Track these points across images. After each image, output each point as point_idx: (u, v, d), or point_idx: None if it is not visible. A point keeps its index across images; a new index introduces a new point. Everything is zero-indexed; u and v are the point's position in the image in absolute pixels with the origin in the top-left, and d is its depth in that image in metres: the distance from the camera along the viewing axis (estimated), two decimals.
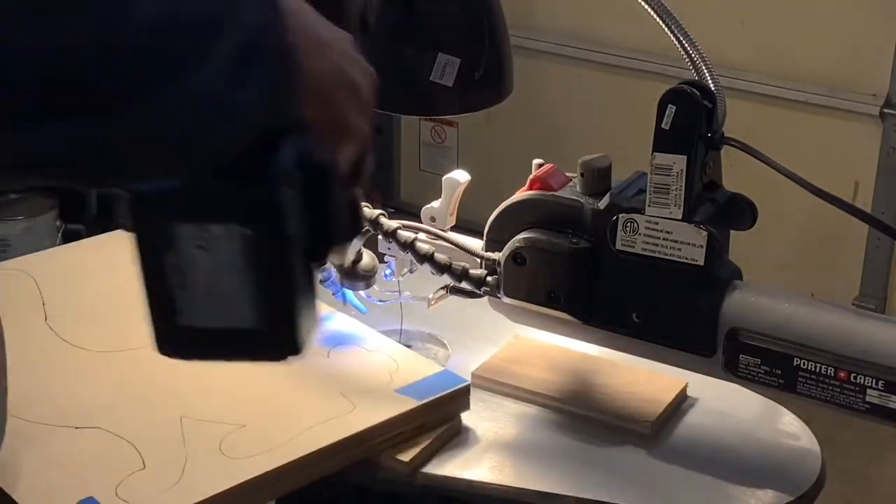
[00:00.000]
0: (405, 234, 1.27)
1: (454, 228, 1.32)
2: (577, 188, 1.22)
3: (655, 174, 1.14)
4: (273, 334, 0.81)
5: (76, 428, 1.10)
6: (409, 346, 1.33)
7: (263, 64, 0.72)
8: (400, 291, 1.33)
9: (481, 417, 1.22)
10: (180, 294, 0.79)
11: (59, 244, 2.61)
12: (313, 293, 0.84)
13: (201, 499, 1.01)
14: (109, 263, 1.43)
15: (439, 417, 1.18)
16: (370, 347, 1.26)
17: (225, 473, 1.04)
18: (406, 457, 1.13)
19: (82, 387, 1.18)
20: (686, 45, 1.19)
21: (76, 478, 1.03)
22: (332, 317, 1.31)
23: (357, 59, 0.84)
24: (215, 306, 0.80)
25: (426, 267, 1.26)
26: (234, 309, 0.79)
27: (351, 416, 1.13)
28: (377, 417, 1.13)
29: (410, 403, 1.16)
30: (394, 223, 1.28)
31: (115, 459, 1.06)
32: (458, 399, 1.20)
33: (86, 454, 1.07)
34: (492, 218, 1.25)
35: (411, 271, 1.30)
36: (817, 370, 1.10)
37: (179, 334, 0.81)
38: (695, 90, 1.13)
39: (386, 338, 1.30)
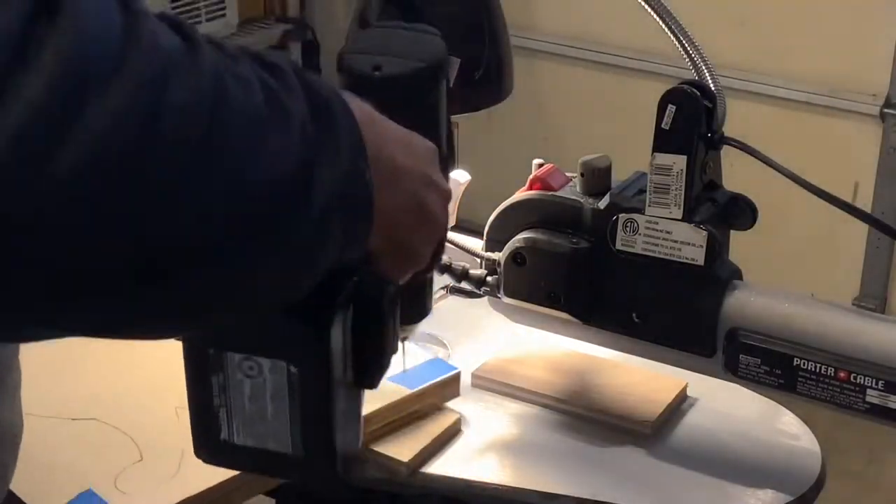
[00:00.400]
0: None
1: (454, 228, 1.32)
2: (577, 188, 1.22)
3: (655, 174, 1.14)
4: (310, 461, 0.84)
5: (72, 419, 1.11)
6: None
7: (346, 211, 0.67)
8: None
9: (481, 417, 1.23)
10: (223, 412, 0.82)
11: None
12: (357, 416, 0.86)
13: (199, 490, 1.01)
14: None
15: (431, 405, 1.19)
16: None
17: None
18: (406, 457, 1.13)
19: (76, 378, 1.18)
20: (686, 45, 1.19)
21: (74, 469, 1.04)
22: None
23: (433, 181, 0.79)
24: (256, 429, 0.82)
25: None
26: (274, 435, 0.82)
27: None
28: (370, 406, 1.13)
29: (402, 392, 1.17)
30: None
31: (112, 451, 1.06)
32: (449, 386, 1.21)
33: (83, 446, 1.08)
34: (492, 218, 1.25)
35: None
36: (817, 370, 1.10)
37: (218, 447, 0.84)
38: (695, 90, 1.13)
39: None
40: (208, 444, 0.84)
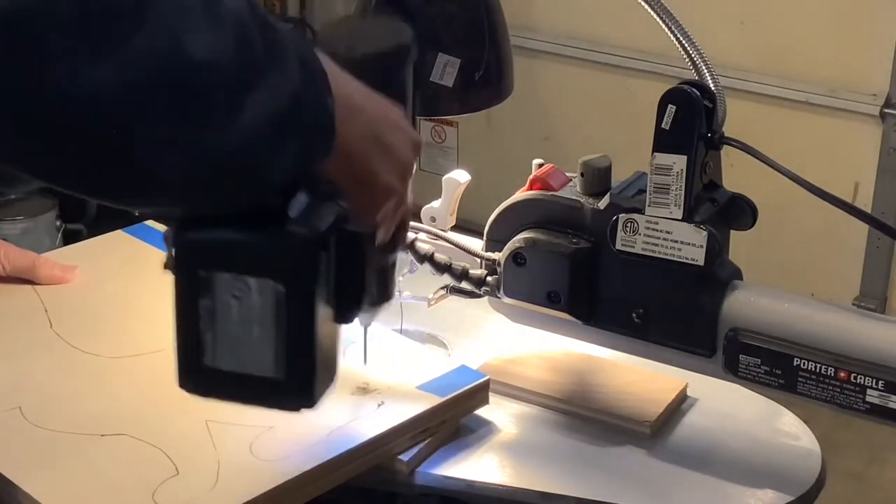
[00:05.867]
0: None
1: (454, 228, 1.32)
2: (577, 188, 1.22)
3: (655, 174, 1.14)
4: (291, 387, 0.85)
5: (101, 436, 1.08)
6: None
7: (295, 132, 0.76)
8: (400, 291, 1.33)
9: (481, 417, 1.22)
10: (209, 337, 0.83)
11: (58, 244, 2.60)
12: (335, 352, 0.88)
13: (242, 501, 0.99)
14: (108, 267, 1.41)
15: (460, 413, 1.18)
16: (383, 343, 1.26)
17: (261, 476, 1.02)
18: (406, 457, 1.13)
19: (100, 394, 1.15)
20: (686, 45, 1.19)
21: (110, 486, 1.01)
22: None
23: (398, 124, 0.88)
24: (240, 353, 0.83)
25: (426, 267, 1.26)
26: (258, 358, 0.83)
27: (378, 414, 1.13)
28: (404, 415, 1.12)
29: (434, 400, 1.15)
30: None
31: (146, 466, 1.04)
32: (479, 394, 1.20)
33: (116, 462, 1.05)
34: (492, 218, 1.25)
35: (411, 271, 1.30)
36: (817, 370, 1.10)
37: (202, 374, 0.85)
38: (695, 90, 1.13)
39: (397, 334, 1.30)
40: (193, 372, 0.84)
